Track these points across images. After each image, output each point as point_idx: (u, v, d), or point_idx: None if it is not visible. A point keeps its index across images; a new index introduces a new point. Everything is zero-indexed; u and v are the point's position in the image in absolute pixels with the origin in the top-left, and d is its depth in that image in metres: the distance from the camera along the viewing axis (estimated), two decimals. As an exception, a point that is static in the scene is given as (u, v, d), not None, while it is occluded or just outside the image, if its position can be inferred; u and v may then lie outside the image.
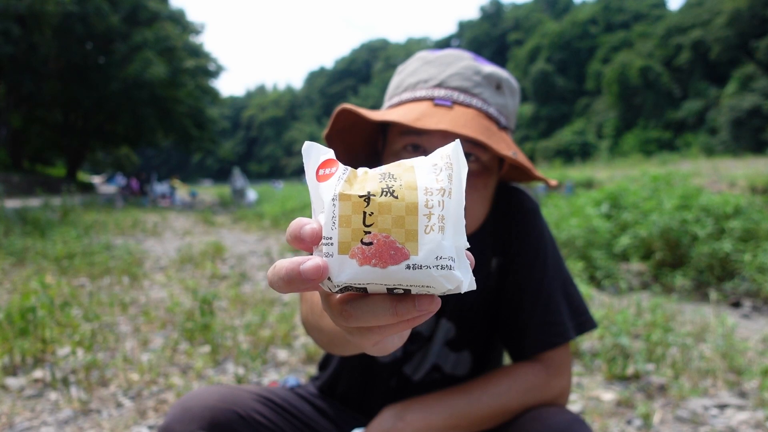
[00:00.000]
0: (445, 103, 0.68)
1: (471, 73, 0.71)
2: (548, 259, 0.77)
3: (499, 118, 0.72)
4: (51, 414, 1.78)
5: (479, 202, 0.72)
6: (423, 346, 0.85)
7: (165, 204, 17.31)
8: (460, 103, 0.69)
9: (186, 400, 0.75)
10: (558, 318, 0.74)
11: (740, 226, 3.89)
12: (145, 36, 18.44)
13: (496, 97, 0.72)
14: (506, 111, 0.74)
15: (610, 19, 56.19)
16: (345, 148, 0.80)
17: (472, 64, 0.73)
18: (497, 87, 0.72)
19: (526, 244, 0.77)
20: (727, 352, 2.19)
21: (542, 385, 0.73)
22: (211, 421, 0.72)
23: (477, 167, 0.70)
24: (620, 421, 1.76)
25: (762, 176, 13.44)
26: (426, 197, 0.29)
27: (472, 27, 71.52)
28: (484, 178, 0.71)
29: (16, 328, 2.20)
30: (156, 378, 2.06)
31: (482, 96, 0.71)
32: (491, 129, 0.68)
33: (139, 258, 4.98)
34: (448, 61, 0.73)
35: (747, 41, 37.55)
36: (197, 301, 2.74)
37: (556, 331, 0.74)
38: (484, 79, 0.72)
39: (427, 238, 0.29)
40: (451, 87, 0.70)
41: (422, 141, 0.70)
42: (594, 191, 5.81)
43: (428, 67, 0.73)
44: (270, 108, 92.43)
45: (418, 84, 0.72)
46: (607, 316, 2.55)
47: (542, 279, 0.76)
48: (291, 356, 2.39)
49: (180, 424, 0.71)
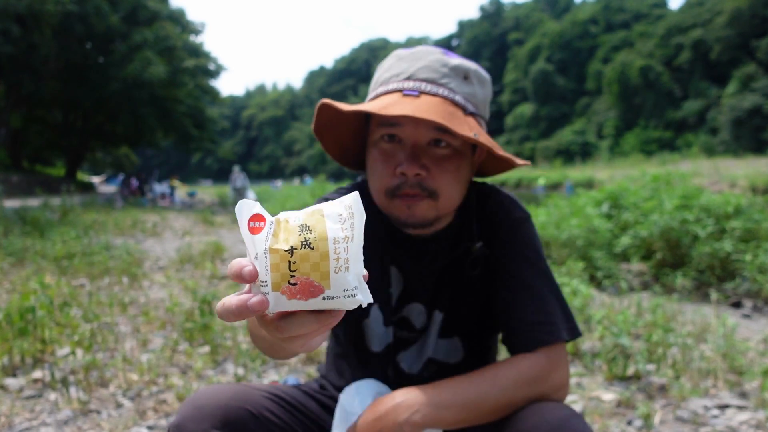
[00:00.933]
0: (413, 93, 0.74)
1: (438, 66, 0.77)
2: (541, 265, 0.81)
3: (466, 105, 0.77)
4: (50, 414, 1.77)
5: (453, 184, 0.77)
6: (419, 338, 0.87)
7: (165, 204, 17.31)
8: (427, 92, 0.75)
9: (198, 398, 0.74)
10: (553, 318, 0.78)
11: (741, 226, 3.89)
12: (144, 36, 18.42)
13: (464, 87, 0.77)
14: (474, 99, 0.78)
15: (610, 18, 56.17)
16: (335, 142, 0.85)
17: (440, 57, 0.78)
18: (465, 77, 0.78)
19: (518, 249, 0.81)
20: (727, 352, 2.18)
21: (544, 376, 0.75)
22: (224, 420, 0.72)
23: (448, 151, 0.76)
24: (621, 421, 1.76)
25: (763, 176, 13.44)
26: (334, 246, 0.39)
27: (472, 26, 71.50)
28: (455, 161, 0.76)
29: (15, 329, 2.19)
30: (155, 378, 2.05)
31: (449, 86, 0.76)
32: (455, 114, 0.73)
33: (139, 258, 4.98)
34: (418, 56, 0.78)
35: (748, 41, 37.53)
36: (197, 301, 2.73)
37: (551, 330, 0.77)
38: (451, 71, 0.77)
39: (336, 276, 0.39)
40: (419, 78, 0.76)
41: (396, 131, 0.76)
42: (594, 191, 5.81)
43: (400, 62, 0.79)
44: (270, 108, 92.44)
45: (390, 78, 0.78)
46: (608, 317, 2.54)
47: (537, 283, 0.79)
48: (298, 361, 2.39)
49: (192, 422, 0.71)
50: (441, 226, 0.83)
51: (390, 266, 0.86)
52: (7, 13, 15.02)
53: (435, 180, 0.75)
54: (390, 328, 0.86)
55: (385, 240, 0.85)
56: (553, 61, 54.98)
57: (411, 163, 0.74)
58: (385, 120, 0.76)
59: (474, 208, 0.85)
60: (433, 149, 0.75)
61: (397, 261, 0.86)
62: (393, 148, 0.76)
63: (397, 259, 0.85)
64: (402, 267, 0.86)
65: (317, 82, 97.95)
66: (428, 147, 0.75)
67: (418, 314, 0.86)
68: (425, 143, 0.75)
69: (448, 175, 0.75)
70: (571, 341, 0.82)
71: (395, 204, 0.77)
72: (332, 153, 0.87)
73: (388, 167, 0.76)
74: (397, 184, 0.76)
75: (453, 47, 74.52)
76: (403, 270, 0.86)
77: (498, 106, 61.79)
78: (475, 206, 0.85)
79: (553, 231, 4.55)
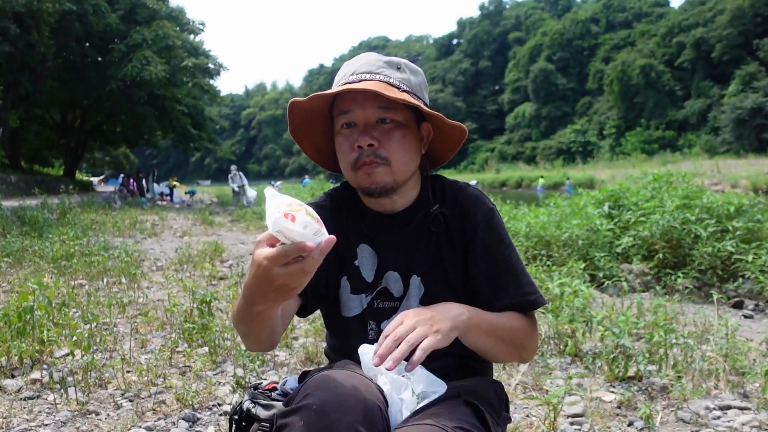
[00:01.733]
0: (354, 80, 0.91)
1: (375, 60, 0.94)
2: (513, 247, 0.97)
3: (400, 85, 0.91)
4: (49, 415, 1.77)
5: (401, 150, 0.91)
6: (399, 305, 0.95)
7: (164, 203, 17.31)
8: (367, 79, 0.90)
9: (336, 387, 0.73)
10: (532, 289, 0.93)
11: (743, 226, 3.88)
12: (143, 35, 18.33)
13: (397, 74, 0.93)
14: (408, 83, 0.93)
15: (611, 17, 56.10)
16: (311, 144, 1.01)
17: (377, 56, 0.95)
18: (398, 68, 0.94)
19: (495, 235, 0.95)
20: (729, 353, 2.17)
21: (534, 333, 0.94)
22: (365, 416, 0.71)
23: (393, 125, 0.91)
24: (622, 422, 1.75)
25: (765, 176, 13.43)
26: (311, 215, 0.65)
27: (472, 25, 71.40)
28: (401, 131, 0.91)
29: (13, 329, 2.18)
30: (154, 379, 2.05)
31: (384, 73, 0.92)
32: (390, 89, 0.88)
33: (138, 258, 4.97)
34: (360, 60, 0.96)
35: (750, 40, 37.48)
36: (196, 301, 2.72)
37: (535, 300, 0.93)
38: (386, 63, 0.94)
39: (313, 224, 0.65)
40: (360, 72, 0.93)
41: (349, 117, 0.91)
42: (596, 191, 5.80)
43: (346, 67, 0.96)
44: (269, 107, 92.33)
45: (340, 80, 0.95)
46: (609, 317, 2.53)
47: (515, 261, 0.95)
48: (290, 357, 2.38)
49: (337, 413, 0.69)
50: (406, 203, 0.97)
51: (361, 243, 0.98)
52: (5, 12, 14.94)
53: (386, 148, 0.89)
54: (361, 296, 0.96)
55: (360, 221, 0.99)
56: (554, 60, 54.90)
57: (363, 136, 0.89)
58: (340, 110, 0.91)
59: (431, 184, 0.99)
60: (381, 126, 0.90)
61: (368, 238, 0.98)
62: (351, 132, 0.91)
63: (369, 236, 0.98)
64: (374, 242, 0.98)
65: (317, 80, 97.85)
66: (377, 124, 0.90)
67: (394, 282, 0.96)
68: (374, 122, 0.90)
69: (395, 143, 0.90)
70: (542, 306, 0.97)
71: (359, 176, 0.91)
72: (310, 154, 1.02)
73: (349, 146, 0.91)
74: (357, 157, 0.90)
75: (453, 46, 74.49)
76: (375, 244, 0.98)
77: (498, 105, 61.76)
78: (438, 188, 0.99)
79: (554, 231, 4.54)
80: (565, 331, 2.46)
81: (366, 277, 0.96)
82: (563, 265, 3.87)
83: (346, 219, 0.98)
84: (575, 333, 2.38)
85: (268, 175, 76.80)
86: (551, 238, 4.51)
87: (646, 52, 44.92)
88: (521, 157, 50.26)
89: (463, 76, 65.15)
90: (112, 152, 32.04)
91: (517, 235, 4.73)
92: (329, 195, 1.02)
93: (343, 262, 0.97)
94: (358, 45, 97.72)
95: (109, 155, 33.12)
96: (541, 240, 4.60)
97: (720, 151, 32.85)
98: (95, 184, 27.45)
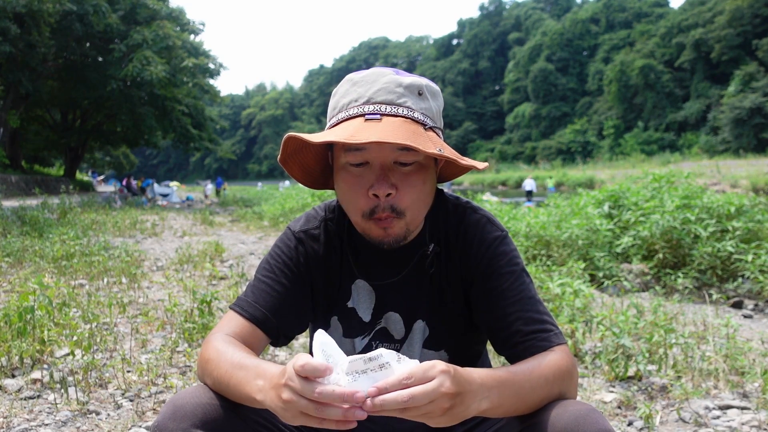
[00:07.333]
0: (375, 117, 0.78)
1: (394, 86, 0.81)
2: (526, 278, 0.87)
3: (425, 121, 0.82)
4: (49, 415, 1.77)
5: (420, 199, 0.83)
6: (400, 348, 0.90)
7: (164, 204, 17.32)
8: (388, 114, 0.79)
9: (178, 398, 0.75)
10: (552, 323, 0.84)
11: (743, 226, 3.88)
12: (143, 35, 18.34)
13: (420, 103, 0.82)
14: (431, 113, 0.84)
15: (611, 17, 56.13)
16: (300, 167, 0.90)
17: (393, 78, 0.83)
18: (419, 93, 0.83)
19: (501, 266, 0.86)
20: (729, 353, 2.18)
21: (572, 370, 0.79)
22: (204, 418, 0.72)
23: (414, 167, 0.81)
24: (622, 422, 1.75)
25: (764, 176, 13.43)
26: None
27: (472, 25, 71.42)
28: (421, 175, 0.82)
29: (14, 329, 2.18)
30: (155, 379, 2.05)
31: (406, 104, 0.81)
32: (418, 132, 0.78)
33: (138, 258, 4.97)
34: (372, 79, 0.83)
35: (749, 40, 37.52)
36: (196, 301, 2.72)
37: (557, 333, 0.83)
38: (406, 89, 0.82)
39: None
40: (378, 101, 0.80)
41: (363, 155, 0.80)
42: (595, 191, 5.80)
43: (356, 87, 0.83)
44: (269, 107, 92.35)
45: (349, 104, 0.82)
46: (609, 317, 2.53)
47: (530, 294, 0.85)
48: (290, 357, 2.38)
49: (172, 421, 0.71)
50: (410, 239, 0.88)
51: (356, 280, 0.90)
52: (5, 12, 14.96)
53: (404, 199, 0.80)
54: (355, 340, 0.91)
55: (355, 257, 0.91)
56: (554, 60, 54.96)
57: (381, 184, 0.79)
58: (352, 145, 0.79)
59: (433, 219, 0.90)
60: (400, 167, 0.80)
61: (364, 274, 0.90)
62: (362, 172, 0.81)
63: (364, 273, 0.90)
64: (371, 279, 0.90)
65: (317, 81, 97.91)
66: (395, 166, 0.80)
67: (395, 323, 0.90)
68: (391, 162, 0.80)
69: (415, 192, 0.81)
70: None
71: (371, 227, 0.82)
72: (296, 176, 0.91)
73: (361, 190, 0.81)
74: (372, 208, 0.81)
75: (453, 46, 74.52)
76: (373, 281, 0.90)
77: (498, 105, 61.79)
78: (442, 219, 0.90)
79: (554, 231, 4.54)
80: (565, 331, 2.46)
81: (363, 317, 0.91)
82: (563, 265, 3.88)
83: (339, 256, 0.91)
84: (575, 333, 2.39)
85: (268, 175, 76.84)
86: (551, 238, 4.51)
87: (645, 53, 44.96)
88: (521, 157, 50.33)
89: (463, 76, 65.20)
90: (112, 152, 32.05)
91: (517, 235, 4.74)
92: (324, 225, 0.93)
93: (334, 303, 0.91)
94: (359, 45, 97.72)
95: (109, 155, 33.13)
96: (541, 240, 4.60)
97: (719, 151, 32.89)
98: (95, 183, 27.44)
